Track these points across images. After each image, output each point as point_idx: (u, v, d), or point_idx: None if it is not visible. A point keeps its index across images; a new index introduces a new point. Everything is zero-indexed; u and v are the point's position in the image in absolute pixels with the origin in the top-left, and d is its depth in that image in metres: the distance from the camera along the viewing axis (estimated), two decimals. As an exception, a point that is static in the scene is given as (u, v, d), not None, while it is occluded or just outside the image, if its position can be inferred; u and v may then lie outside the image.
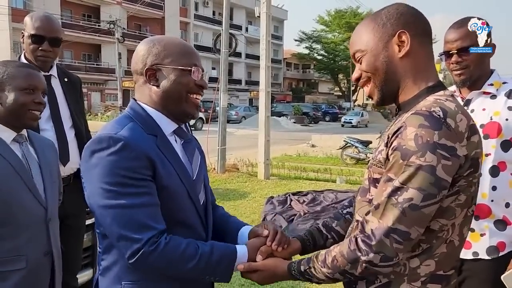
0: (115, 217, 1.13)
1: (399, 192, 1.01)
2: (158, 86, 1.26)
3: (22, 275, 1.56)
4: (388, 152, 1.06)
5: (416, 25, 1.13)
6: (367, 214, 1.08)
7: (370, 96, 1.21)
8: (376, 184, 1.11)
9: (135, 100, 1.31)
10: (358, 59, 1.18)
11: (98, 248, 1.30)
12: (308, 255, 1.26)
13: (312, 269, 1.17)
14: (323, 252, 1.17)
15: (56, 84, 2.43)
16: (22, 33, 2.35)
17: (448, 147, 0.99)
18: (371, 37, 1.15)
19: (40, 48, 2.29)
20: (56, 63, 2.52)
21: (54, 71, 2.44)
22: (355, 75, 1.22)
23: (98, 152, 1.15)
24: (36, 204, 1.62)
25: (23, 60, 2.36)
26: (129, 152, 1.14)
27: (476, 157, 1.05)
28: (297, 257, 1.33)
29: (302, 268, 1.20)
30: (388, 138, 1.07)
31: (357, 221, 1.17)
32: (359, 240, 1.06)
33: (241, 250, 1.27)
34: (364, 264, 1.04)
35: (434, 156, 0.98)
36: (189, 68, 1.26)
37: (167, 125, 1.29)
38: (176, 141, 1.31)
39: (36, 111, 1.67)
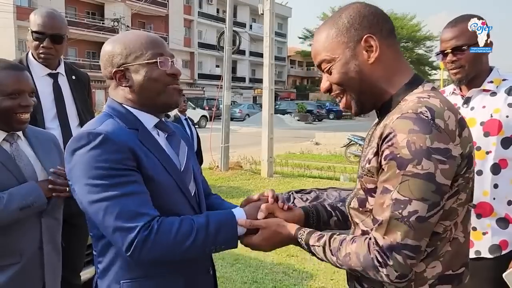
0: (106, 210, 1.10)
1: (402, 206, 0.97)
2: (130, 87, 1.24)
3: (16, 269, 1.57)
4: (380, 161, 1.02)
5: (380, 25, 1.09)
6: (371, 229, 1.04)
7: (347, 108, 1.15)
8: (373, 193, 1.08)
9: (113, 98, 1.28)
10: (326, 70, 1.12)
11: (93, 251, 1.28)
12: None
13: (321, 249, 1.12)
14: (338, 238, 1.11)
15: (63, 82, 2.41)
16: (29, 30, 2.33)
17: (442, 150, 0.96)
18: (336, 44, 1.09)
19: (41, 45, 2.27)
20: (64, 60, 2.49)
21: (61, 69, 2.42)
22: (324, 85, 1.16)
23: (79, 150, 1.13)
24: None
25: (30, 58, 2.34)
26: (110, 145, 1.12)
27: (470, 152, 1.03)
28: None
29: (311, 241, 1.15)
30: (378, 146, 1.03)
31: (362, 230, 1.13)
32: (376, 251, 1.01)
33: (238, 212, 1.25)
34: (380, 273, 1.00)
35: (430, 162, 0.95)
36: (155, 60, 1.22)
37: (148, 120, 1.27)
38: (159, 134, 1.29)
39: (24, 114, 1.63)
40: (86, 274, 2.57)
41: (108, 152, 1.12)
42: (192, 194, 1.31)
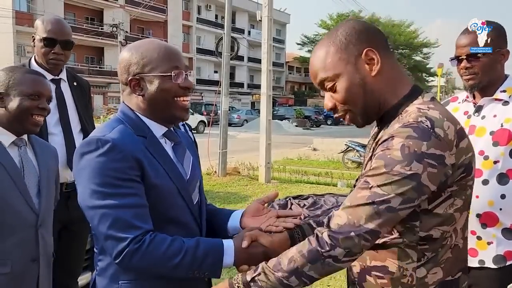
0: (102, 217, 1.15)
1: (377, 199, 0.98)
2: (143, 96, 1.28)
3: (6, 280, 1.54)
4: (372, 160, 1.04)
5: (376, 39, 1.11)
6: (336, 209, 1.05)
7: (352, 123, 1.16)
8: None
9: (126, 104, 1.32)
10: (329, 87, 1.13)
11: (94, 249, 1.31)
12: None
13: (262, 275, 1.06)
14: (274, 258, 1.09)
15: (65, 88, 2.43)
16: (33, 36, 2.35)
17: (437, 156, 0.98)
18: (337, 61, 1.10)
19: (52, 51, 2.30)
20: (66, 67, 2.52)
21: (63, 75, 2.44)
22: (329, 104, 1.15)
23: (87, 154, 1.18)
24: (27, 208, 1.61)
25: (33, 63, 2.36)
26: (116, 153, 1.17)
27: (467, 162, 1.04)
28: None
29: (248, 277, 1.09)
30: (373, 150, 1.06)
31: None
32: (324, 235, 1.01)
33: (227, 242, 1.26)
34: (326, 260, 1.00)
35: (420, 165, 0.97)
36: (170, 74, 1.26)
37: (157, 129, 1.31)
38: (166, 143, 1.33)
39: (39, 117, 1.69)
40: (83, 279, 2.57)
41: (113, 160, 1.16)
42: (195, 202, 1.35)
